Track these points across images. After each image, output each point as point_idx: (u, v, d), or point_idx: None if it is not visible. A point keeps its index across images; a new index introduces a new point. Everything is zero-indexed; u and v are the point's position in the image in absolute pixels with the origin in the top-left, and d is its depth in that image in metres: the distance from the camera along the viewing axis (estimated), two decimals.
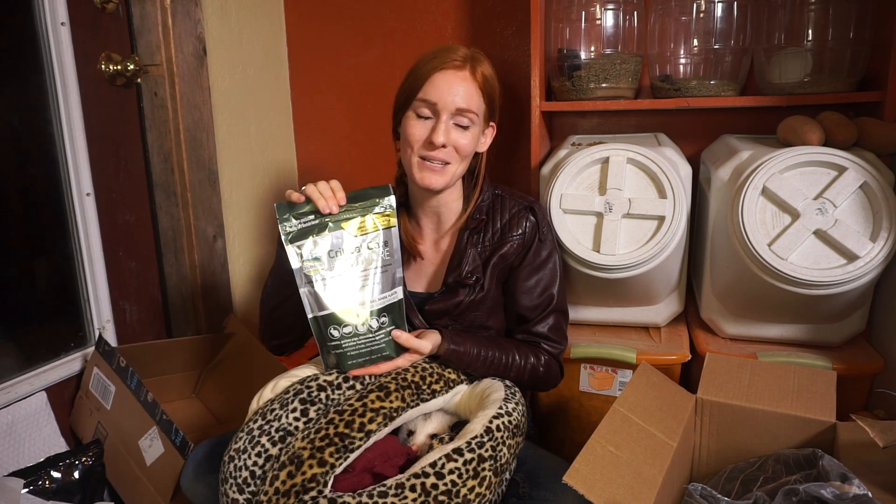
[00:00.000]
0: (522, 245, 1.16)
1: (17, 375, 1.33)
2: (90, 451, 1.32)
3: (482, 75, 1.11)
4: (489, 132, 1.19)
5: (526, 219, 1.16)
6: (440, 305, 1.16)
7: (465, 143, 1.10)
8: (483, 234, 1.17)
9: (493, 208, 1.19)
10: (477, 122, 1.12)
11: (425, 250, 1.22)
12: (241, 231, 1.87)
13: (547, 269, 1.17)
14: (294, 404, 0.95)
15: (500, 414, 0.96)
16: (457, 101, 1.08)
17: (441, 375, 1.06)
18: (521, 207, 1.18)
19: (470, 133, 1.11)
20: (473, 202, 1.18)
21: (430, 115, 1.09)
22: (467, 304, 1.15)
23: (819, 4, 1.37)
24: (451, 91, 1.08)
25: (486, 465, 0.88)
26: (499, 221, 1.17)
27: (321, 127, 2.07)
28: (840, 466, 0.85)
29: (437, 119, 1.08)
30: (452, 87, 1.08)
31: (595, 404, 1.40)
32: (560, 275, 1.20)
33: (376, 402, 0.95)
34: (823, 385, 1.04)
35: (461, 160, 1.12)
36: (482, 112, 1.13)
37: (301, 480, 0.85)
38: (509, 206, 1.18)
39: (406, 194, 1.22)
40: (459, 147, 1.10)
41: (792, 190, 1.18)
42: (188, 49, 1.58)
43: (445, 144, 1.08)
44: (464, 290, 1.14)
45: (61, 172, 1.41)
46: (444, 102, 1.07)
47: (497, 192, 1.21)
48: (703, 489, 0.84)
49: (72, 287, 1.46)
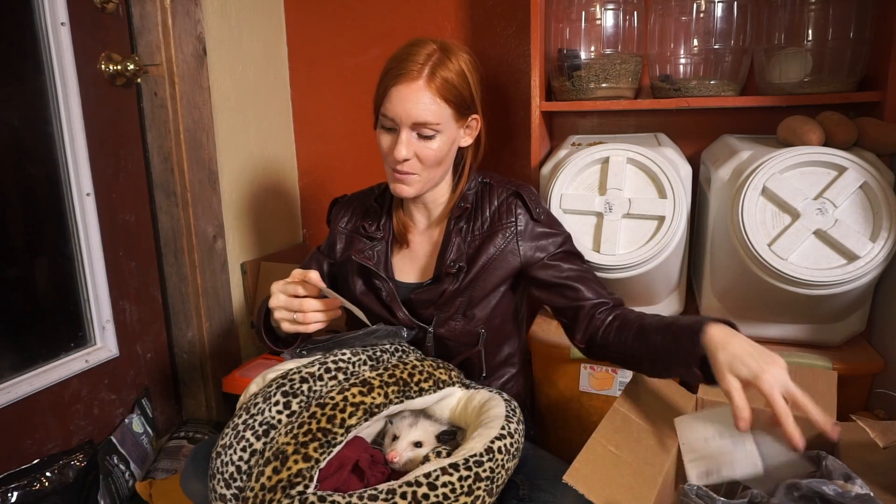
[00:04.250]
0: (523, 236, 1.13)
1: (17, 375, 1.33)
2: (84, 452, 1.32)
3: (441, 80, 1.06)
4: (472, 125, 1.15)
5: (516, 205, 1.14)
6: (426, 295, 1.15)
7: (428, 154, 1.08)
8: (472, 223, 1.15)
9: (480, 196, 1.18)
10: (443, 129, 1.08)
11: (416, 240, 1.22)
12: (241, 231, 1.87)
13: (559, 240, 1.14)
14: (276, 397, 0.95)
15: (503, 435, 0.94)
16: (412, 117, 1.05)
17: (431, 374, 1.05)
18: (509, 193, 1.16)
19: (436, 142, 1.08)
20: (458, 191, 1.18)
21: (393, 126, 1.08)
22: (451, 293, 1.14)
23: (819, 4, 1.37)
24: (404, 108, 1.05)
25: (481, 484, 0.87)
26: (487, 209, 1.16)
27: (321, 127, 2.07)
28: (843, 467, 0.85)
29: (398, 133, 1.07)
30: (406, 104, 1.04)
31: (595, 404, 1.40)
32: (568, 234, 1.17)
33: (357, 397, 0.95)
34: (824, 385, 1.04)
35: (428, 168, 1.11)
36: (446, 117, 1.08)
37: (287, 476, 0.85)
38: (497, 193, 1.17)
39: None
40: (423, 158, 1.08)
41: (792, 190, 1.18)
42: (188, 49, 1.58)
43: (408, 158, 1.08)
44: (448, 279, 1.14)
45: (61, 172, 1.41)
46: (399, 119, 1.06)
47: (485, 179, 1.20)
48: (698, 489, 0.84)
49: (72, 287, 1.46)
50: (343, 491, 0.85)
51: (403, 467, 0.96)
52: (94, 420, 1.49)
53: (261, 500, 0.84)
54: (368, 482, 0.92)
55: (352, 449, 0.94)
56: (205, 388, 1.73)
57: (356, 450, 0.95)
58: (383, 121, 1.09)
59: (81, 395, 1.46)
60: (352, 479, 0.92)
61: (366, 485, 0.91)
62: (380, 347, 1.07)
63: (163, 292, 1.68)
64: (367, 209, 1.25)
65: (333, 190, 2.10)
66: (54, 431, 1.40)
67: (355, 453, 0.94)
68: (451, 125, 1.10)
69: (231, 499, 0.89)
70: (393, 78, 1.06)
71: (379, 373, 1.00)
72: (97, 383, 1.50)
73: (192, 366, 1.73)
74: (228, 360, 1.79)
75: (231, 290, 1.80)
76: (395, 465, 0.97)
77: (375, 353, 1.05)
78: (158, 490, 1.46)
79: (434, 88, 1.06)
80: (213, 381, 1.74)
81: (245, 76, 1.84)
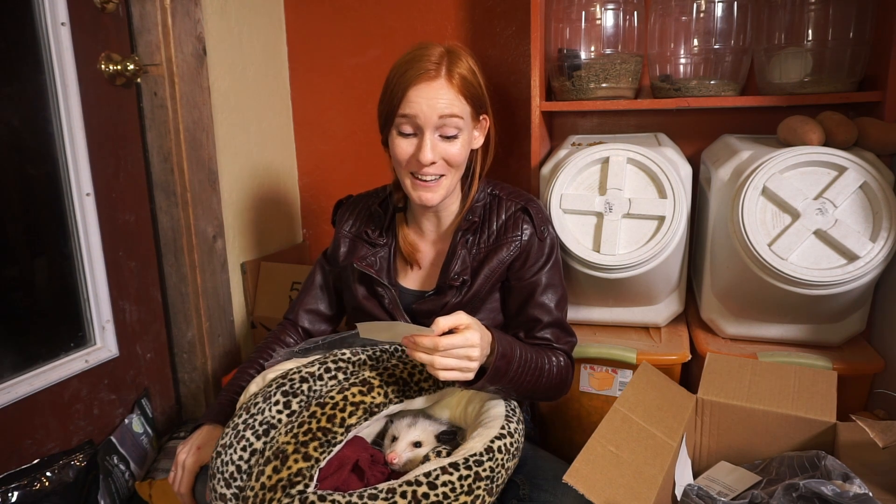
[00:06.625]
0: (522, 248, 1.14)
1: (17, 375, 1.33)
2: (84, 452, 1.32)
3: (460, 77, 1.06)
4: (482, 126, 1.16)
5: (523, 220, 1.15)
6: (428, 305, 1.15)
7: (455, 153, 1.08)
8: (479, 236, 1.16)
9: (489, 209, 1.18)
10: (464, 127, 1.08)
11: (424, 252, 1.21)
12: (241, 231, 1.87)
13: (549, 266, 1.16)
14: (276, 397, 0.95)
15: (503, 435, 0.94)
16: (438, 111, 1.04)
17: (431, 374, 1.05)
18: (518, 208, 1.16)
19: (459, 141, 1.08)
20: (469, 201, 1.17)
21: (413, 131, 1.07)
22: (453, 306, 1.14)
23: (819, 4, 1.37)
24: (429, 105, 1.03)
25: (481, 483, 0.87)
26: (495, 223, 1.16)
27: (321, 127, 2.07)
28: (842, 467, 0.85)
29: (422, 136, 1.06)
30: (431, 100, 1.03)
31: (595, 404, 1.40)
32: (561, 269, 1.19)
33: (357, 397, 0.95)
34: (824, 385, 1.04)
35: (455, 170, 1.11)
36: (467, 114, 1.09)
37: (287, 475, 0.85)
38: (506, 207, 1.17)
39: (405, 198, 1.22)
40: (450, 158, 1.08)
41: (792, 190, 1.18)
42: (188, 49, 1.58)
43: (434, 161, 1.06)
44: (451, 292, 1.14)
45: (61, 172, 1.41)
46: (424, 118, 1.04)
47: (495, 191, 1.20)
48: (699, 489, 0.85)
49: (72, 287, 1.46)
50: (343, 490, 0.86)
51: (403, 468, 0.96)
52: (94, 420, 1.49)
53: (261, 499, 0.84)
54: (368, 482, 0.92)
55: (352, 448, 0.94)
56: (205, 388, 1.73)
57: (356, 449, 0.95)
58: (401, 126, 1.07)
59: (81, 395, 1.46)
60: (352, 479, 0.92)
61: (365, 484, 0.91)
62: (380, 347, 1.07)
63: (163, 292, 1.68)
64: (371, 214, 1.25)
65: (333, 190, 2.10)
66: (54, 431, 1.40)
67: (355, 453, 0.94)
68: (468, 124, 1.10)
69: (231, 498, 0.89)
70: (411, 79, 1.04)
71: (379, 372, 1.00)
72: (97, 383, 1.50)
73: (192, 366, 1.73)
74: (228, 360, 1.79)
75: (231, 290, 1.80)
76: (394, 466, 0.97)
77: (375, 353, 1.05)
78: (158, 490, 1.46)
79: (455, 85, 1.06)
80: (213, 381, 1.74)
81: (245, 76, 1.84)
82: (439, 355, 0.89)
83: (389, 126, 1.09)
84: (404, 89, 1.04)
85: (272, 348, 1.24)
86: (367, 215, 1.25)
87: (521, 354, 1.02)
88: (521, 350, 1.03)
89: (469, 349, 0.91)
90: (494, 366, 0.96)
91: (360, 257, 1.20)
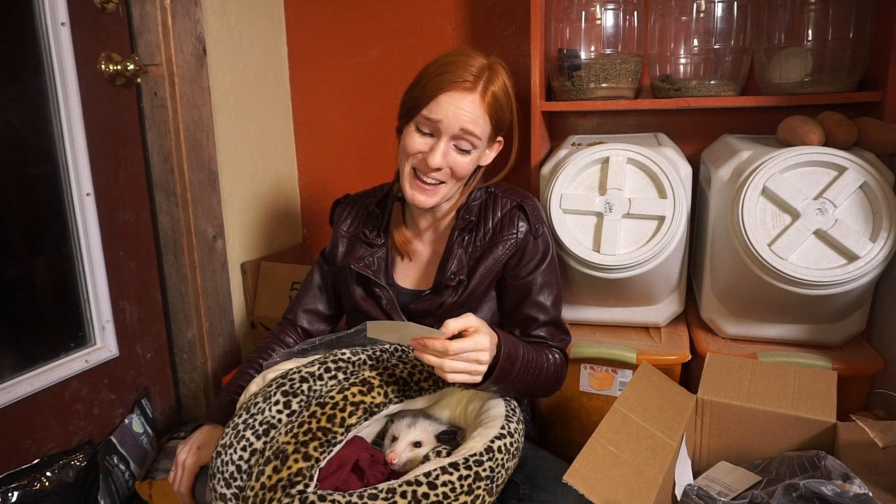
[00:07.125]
0: (518, 245, 1.14)
1: (17, 375, 1.33)
2: (84, 452, 1.32)
3: (492, 96, 1.06)
4: (495, 147, 1.17)
5: (518, 217, 1.15)
6: (425, 305, 1.15)
7: (462, 165, 1.08)
8: (475, 234, 1.16)
9: (484, 207, 1.18)
10: (479, 146, 1.09)
11: (419, 248, 1.22)
12: (241, 231, 1.87)
13: (545, 265, 1.16)
14: (276, 397, 0.95)
15: (503, 435, 0.94)
16: (460, 124, 1.04)
17: (431, 374, 1.05)
18: (513, 206, 1.16)
19: (470, 157, 1.09)
20: (464, 200, 1.18)
21: (430, 132, 1.07)
22: (450, 305, 1.14)
23: (819, 4, 1.37)
24: (455, 115, 1.04)
25: (481, 483, 0.87)
26: (490, 221, 1.16)
27: (321, 127, 2.07)
28: (842, 467, 0.85)
29: (438, 139, 1.06)
30: (459, 112, 1.04)
31: (595, 404, 1.40)
32: (556, 267, 1.19)
33: (357, 396, 0.95)
34: (824, 385, 1.04)
35: (456, 181, 1.11)
36: (486, 135, 1.09)
37: (287, 475, 0.85)
38: (501, 205, 1.17)
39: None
40: (456, 169, 1.08)
41: (792, 190, 1.18)
42: (188, 49, 1.58)
43: (441, 167, 1.07)
44: (448, 291, 1.14)
45: (61, 172, 1.41)
46: (447, 124, 1.04)
47: (490, 189, 1.20)
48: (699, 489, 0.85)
49: (72, 287, 1.46)
50: (343, 490, 0.86)
51: (403, 468, 0.96)
52: (94, 420, 1.49)
53: (261, 499, 0.84)
54: (368, 482, 0.92)
55: (352, 448, 0.94)
56: (205, 388, 1.73)
57: (356, 449, 0.95)
58: (421, 123, 1.07)
59: (81, 395, 1.46)
60: (352, 479, 0.92)
61: (365, 484, 0.91)
62: (380, 347, 1.07)
63: (163, 292, 1.68)
64: (369, 214, 1.25)
65: (333, 190, 2.10)
66: (54, 431, 1.40)
67: (355, 453, 0.94)
68: (484, 144, 1.11)
69: (231, 498, 0.89)
70: (447, 83, 1.04)
71: (379, 372, 1.00)
72: (97, 383, 1.50)
73: (192, 366, 1.73)
74: (228, 360, 1.79)
75: (231, 290, 1.80)
76: (394, 466, 0.97)
77: (375, 353, 1.05)
78: (158, 490, 1.46)
79: (486, 104, 1.06)
80: (213, 381, 1.74)
81: (245, 76, 1.84)
82: (449, 359, 0.89)
83: (410, 119, 1.09)
84: (436, 91, 1.04)
85: (272, 348, 1.24)
86: (364, 215, 1.25)
87: (524, 355, 1.03)
88: (524, 350, 1.03)
89: (479, 353, 0.91)
90: (500, 367, 0.97)
91: (357, 258, 1.20)
